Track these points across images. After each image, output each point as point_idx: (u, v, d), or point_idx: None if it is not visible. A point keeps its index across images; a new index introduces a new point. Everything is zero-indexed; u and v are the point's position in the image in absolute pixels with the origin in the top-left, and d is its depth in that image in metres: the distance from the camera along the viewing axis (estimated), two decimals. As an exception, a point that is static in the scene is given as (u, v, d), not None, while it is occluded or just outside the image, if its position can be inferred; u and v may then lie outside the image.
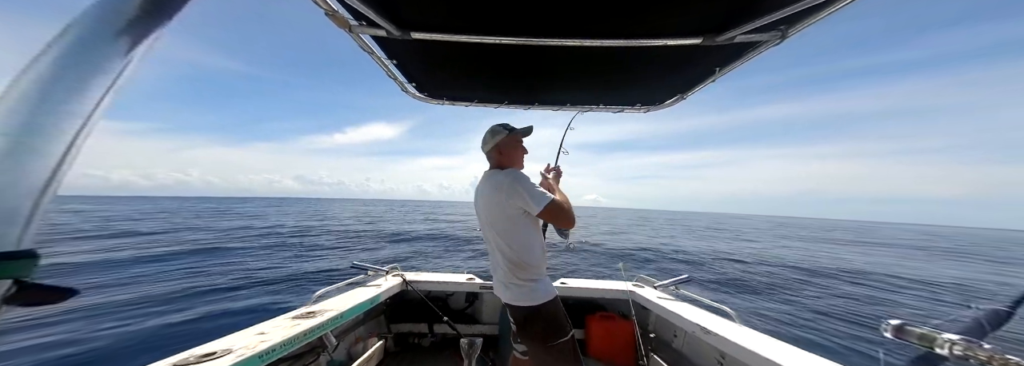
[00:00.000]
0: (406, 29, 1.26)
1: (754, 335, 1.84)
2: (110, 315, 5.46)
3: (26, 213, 0.38)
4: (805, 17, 1.05)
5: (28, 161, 0.38)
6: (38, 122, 0.38)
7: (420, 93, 2.02)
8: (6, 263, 0.37)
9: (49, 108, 0.39)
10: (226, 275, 8.13)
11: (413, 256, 12.23)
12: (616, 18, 1.16)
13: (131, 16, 0.42)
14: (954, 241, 46.31)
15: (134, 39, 0.43)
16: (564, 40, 1.27)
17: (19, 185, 0.37)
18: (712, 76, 1.55)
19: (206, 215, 33.41)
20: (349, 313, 2.13)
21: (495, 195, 1.48)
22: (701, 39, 1.19)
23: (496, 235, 1.54)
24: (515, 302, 1.54)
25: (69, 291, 0.42)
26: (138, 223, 22.22)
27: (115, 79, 0.42)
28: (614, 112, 2.18)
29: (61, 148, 0.40)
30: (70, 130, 0.40)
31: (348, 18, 1.20)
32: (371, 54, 1.45)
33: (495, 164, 1.63)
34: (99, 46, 0.41)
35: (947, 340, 0.63)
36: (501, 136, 1.58)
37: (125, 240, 14.01)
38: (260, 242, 13.94)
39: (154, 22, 0.45)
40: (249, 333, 1.63)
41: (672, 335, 2.55)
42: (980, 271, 14.91)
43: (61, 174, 0.40)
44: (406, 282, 2.86)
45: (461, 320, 2.96)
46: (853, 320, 6.77)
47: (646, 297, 2.63)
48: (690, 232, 30.94)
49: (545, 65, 1.60)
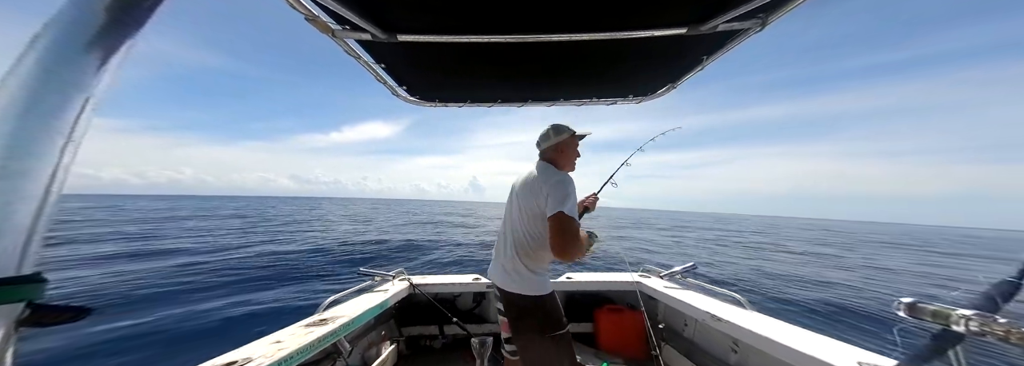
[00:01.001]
0: (392, 32, 1.25)
1: (766, 320, 1.84)
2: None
3: (24, 237, 0.38)
4: (783, 4, 1.08)
5: (18, 186, 0.38)
6: (22, 144, 0.38)
7: (412, 96, 2.01)
8: (13, 288, 0.37)
9: (31, 128, 0.38)
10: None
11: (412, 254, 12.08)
12: (601, 11, 1.17)
13: (99, 27, 0.41)
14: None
15: (106, 50, 0.42)
16: (552, 35, 1.27)
17: (12, 210, 0.37)
18: (700, 65, 1.57)
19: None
20: (360, 319, 2.14)
21: (538, 185, 1.51)
22: (686, 29, 1.21)
23: (521, 222, 1.56)
24: (517, 291, 1.56)
25: (83, 310, 0.42)
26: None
27: (92, 91, 0.41)
28: (607, 104, 2.18)
29: (49, 168, 0.39)
30: (55, 148, 0.39)
31: (330, 23, 1.18)
32: (358, 59, 1.43)
33: (549, 159, 1.66)
34: (70, 60, 0.40)
35: (962, 316, 0.62)
36: (565, 135, 1.62)
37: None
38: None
39: (125, 31, 0.44)
40: (265, 342, 1.64)
41: (682, 324, 2.55)
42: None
43: (53, 194, 0.40)
44: (413, 285, 2.87)
45: (470, 320, 2.96)
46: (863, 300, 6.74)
47: (653, 287, 2.63)
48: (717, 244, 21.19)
49: (536, 61, 1.60)
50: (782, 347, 1.54)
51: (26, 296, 0.37)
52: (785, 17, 1.15)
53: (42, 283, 0.39)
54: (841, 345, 1.52)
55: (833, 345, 1.53)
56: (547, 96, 2.11)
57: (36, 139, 0.38)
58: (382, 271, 2.89)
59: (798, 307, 6.48)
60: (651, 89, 1.97)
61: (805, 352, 1.46)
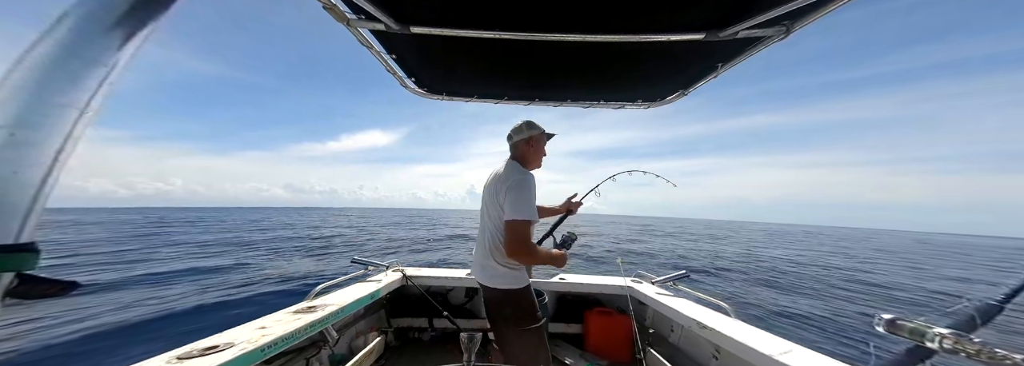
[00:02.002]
0: (405, 23, 1.25)
1: (749, 330, 1.86)
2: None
3: (25, 207, 0.38)
4: (810, 12, 1.03)
5: (26, 154, 0.38)
6: (35, 115, 0.38)
7: (419, 88, 2.01)
8: (7, 256, 0.37)
9: (45, 101, 0.38)
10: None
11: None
12: (618, 13, 1.15)
13: (125, 8, 0.42)
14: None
15: (129, 31, 0.43)
16: (565, 35, 1.26)
17: (18, 179, 0.37)
18: (714, 71, 1.53)
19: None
20: (350, 308, 2.14)
21: (499, 185, 1.58)
22: (704, 34, 1.18)
23: (489, 218, 1.63)
24: (491, 285, 1.62)
25: (71, 284, 0.42)
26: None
27: (109, 72, 0.42)
28: (615, 108, 2.16)
29: (58, 141, 0.40)
30: (66, 123, 0.40)
31: (346, 12, 1.19)
32: (370, 48, 1.43)
33: (519, 154, 1.72)
34: (94, 39, 0.41)
35: (937, 334, 0.64)
36: (536, 131, 1.70)
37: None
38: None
39: (149, 14, 0.44)
40: (250, 327, 1.63)
41: (669, 330, 2.57)
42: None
43: (58, 167, 0.40)
44: (406, 277, 2.88)
45: (461, 315, 2.98)
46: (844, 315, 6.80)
47: (644, 293, 2.64)
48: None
49: (546, 61, 1.59)
50: (761, 356, 1.56)
51: (17, 266, 0.37)
52: (810, 25, 1.10)
53: (35, 253, 0.39)
54: (819, 357, 1.53)
55: (811, 356, 1.54)
56: (555, 96, 2.10)
57: (52, 111, 0.39)
58: (376, 261, 2.90)
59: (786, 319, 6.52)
60: (661, 95, 1.95)
61: (784, 361, 1.47)
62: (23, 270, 0.37)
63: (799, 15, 1.07)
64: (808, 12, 1.04)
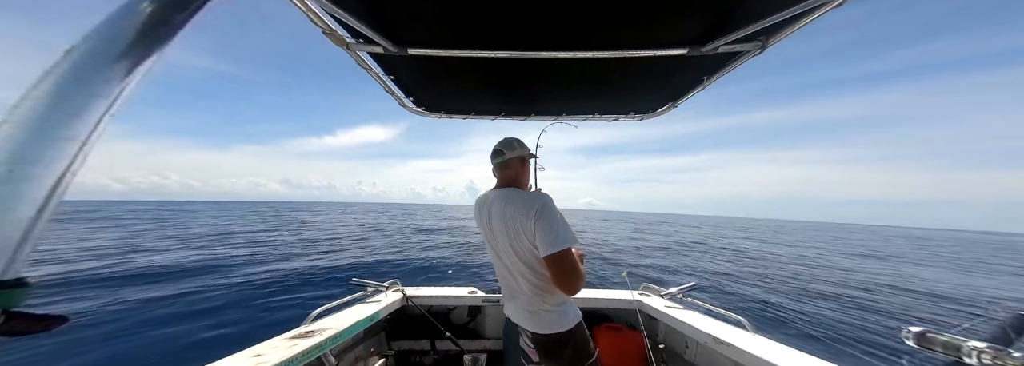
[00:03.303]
0: (402, 45, 1.28)
1: (770, 344, 1.80)
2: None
3: (16, 242, 0.37)
4: (782, 28, 1.11)
5: (23, 190, 0.37)
6: (34, 150, 0.38)
7: (418, 107, 2.04)
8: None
9: (46, 135, 0.38)
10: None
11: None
12: (606, 30, 1.20)
13: (131, 39, 0.42)
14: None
15: (133, 62, 0.43)
16: (557, 52, 1.30)
17: (10, 216, 0.37)
18: (701, 84, 1.59)
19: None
20: (348, 331, 2.08)
21: (521, 221, 1.32)
22: (687, 50, 1.24)
23: (519, 260, 1.39)
24: (543, 330, 1.43)
25: (59, 319, 0.40)
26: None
27: (111, 104, 0.42)
28: (609, 121, 2.21)
29: (57, 173, 0.39)
30: (67, 156, 0.39)
31: (345, 36, 1.22)
32: (368, 70, 1.47)
33: (513, 174, 1.51)
34: (99, 70, 0.41)
35: (974, 348, 0.61)
36: (527, 150, 1.54)
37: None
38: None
39: (153, 45, 0.45)
40: (244, 356, 1.58)
41: (684, 346, 2.49)
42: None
43: (56, 198, 0.39)
44: (406, 297, 2.81)
45: (464, 335, 2.89)
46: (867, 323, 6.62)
47: (654, 306, 2.58)
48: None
49: (540, 77, 1.63)
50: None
51: (6, 303, 0.36)
52: (784, 40, 1.17)
53: (25, 288, 0.38)
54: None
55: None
56: (550, 111, 2.14)
57: (52, 146, 0.38)
58: (375, 282, 2.84)
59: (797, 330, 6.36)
60: (652, 107, 2.00)
61: None
62: (11, 307, 0.36)
63: (773, 31, 1.14)
64: (781, 28, 1.11)
